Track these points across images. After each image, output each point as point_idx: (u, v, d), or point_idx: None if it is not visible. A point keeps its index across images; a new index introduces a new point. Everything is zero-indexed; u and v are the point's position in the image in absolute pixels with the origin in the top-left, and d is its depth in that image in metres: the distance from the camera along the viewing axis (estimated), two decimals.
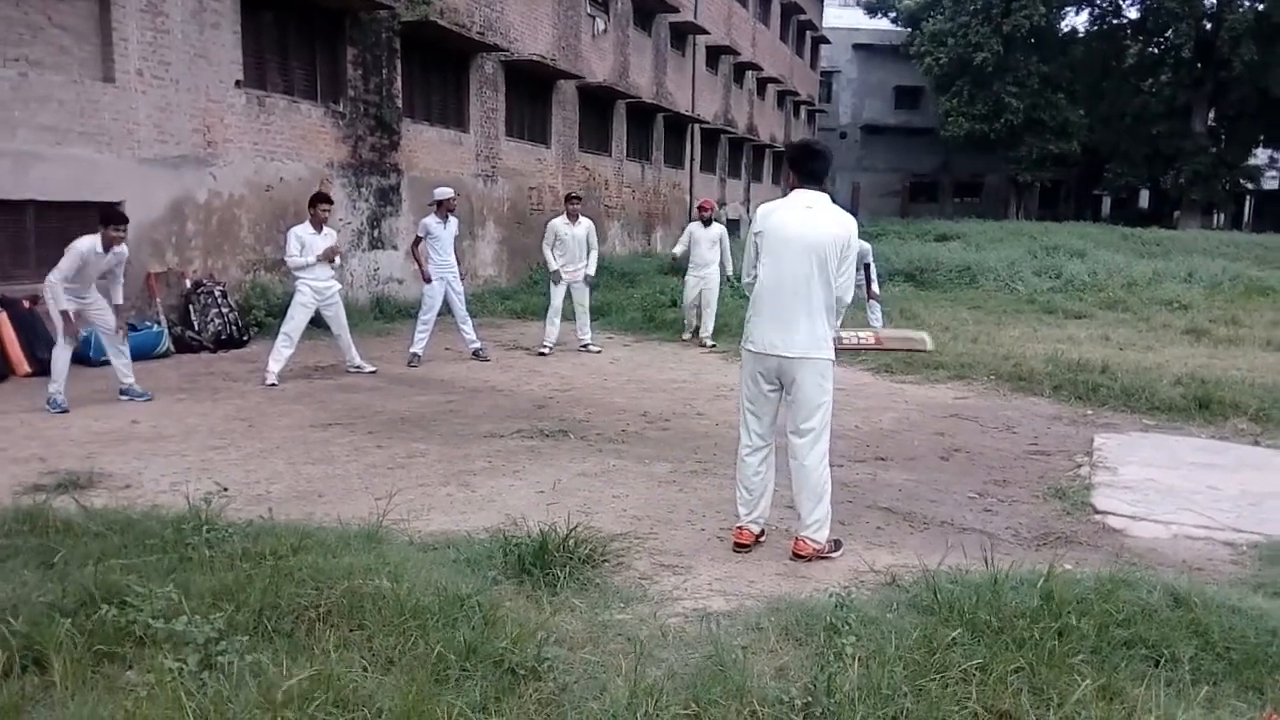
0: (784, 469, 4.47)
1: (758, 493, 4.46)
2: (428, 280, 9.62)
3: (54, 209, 9.10)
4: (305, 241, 8.44)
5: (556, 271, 10.49)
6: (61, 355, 7.02)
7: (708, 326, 11.37)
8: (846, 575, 4.15)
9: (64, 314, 6.94)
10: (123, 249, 7.22)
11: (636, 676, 2.90)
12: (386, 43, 13.43)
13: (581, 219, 10.59)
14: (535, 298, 14.35)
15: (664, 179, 24.99)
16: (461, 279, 10.07)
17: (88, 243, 6.96)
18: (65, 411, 6.92)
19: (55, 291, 6.88)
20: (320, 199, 8.65)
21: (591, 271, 10.76)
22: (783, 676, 3.05)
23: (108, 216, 7.12)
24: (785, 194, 4.47)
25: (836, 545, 4.43)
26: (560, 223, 10.52)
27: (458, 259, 9.98)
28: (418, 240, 9.82)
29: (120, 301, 7.38)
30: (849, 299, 4.35)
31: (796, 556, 4.32)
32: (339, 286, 8.79)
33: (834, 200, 4.36)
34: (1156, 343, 11.59)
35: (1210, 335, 12.22)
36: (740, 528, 4.49)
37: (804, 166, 4.38)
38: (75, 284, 6.99)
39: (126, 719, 2.56)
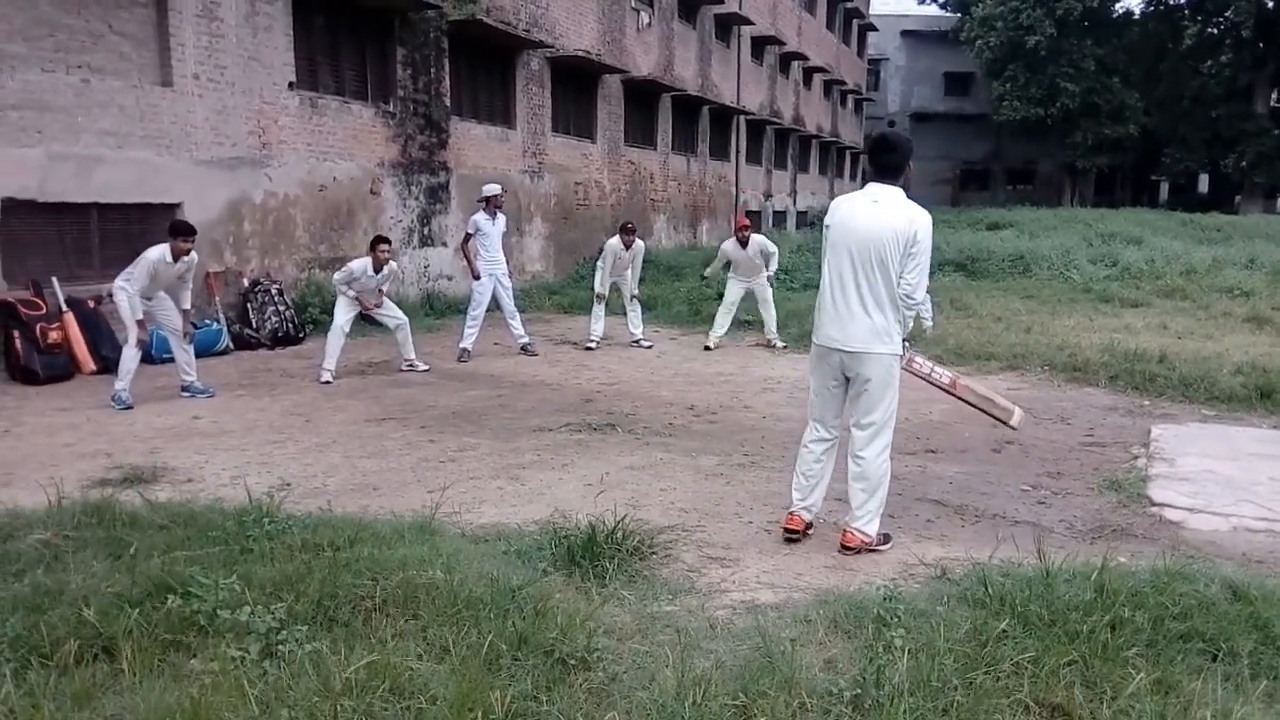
0: (842, 462, 4.46)
1: (814, 480, 4.46)
2: (477, 277, 9.77)
3: (116, 211, 9.37)
4: (357, 278, 8.57)
5: (602, 295, 10.64)
6: (130, 356, 7.27)
7: (771, 327, 10.84)
8: (896, 568, 4.13)
9: (138, 322, 7.21)
10: (192, 257, 7.45)
11: (685, 667, 2.93)
12: (434, 42, 13.58)
13: (636, 243, 10.74)
14: (583, 292, 14.42)
15: (710, 171, 24.93)
16: (510, 275, 10.17)
17: (157, 252, 7.21)
18: (129, 408, 7.14)
19: (133, 301, 7.15)
20: (379, 241, 8.77)
21: (636, 291, 10.99)
22: (831, 668, 3.06)
23: (176, 228, 7.36)
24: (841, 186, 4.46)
25: (886, 539, 4.41)
26: (616, 244, 10.62)
27: (506, 255, 10.08)
28: (467, 237, 9.96)
29: (188, 306, 7.63)
30: (919, 296, 4.25)
31: (844, 549, 4.30)
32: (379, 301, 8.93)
33: (907, 193, 4.32)
34: (1216, 331, 11.30)
35: (1272, 323, 11.87)
36: (792, 513, 4.49)
37: (876, 160, 4.38)
38: (145, 289, 7.25)
39: (192, 706, 2.64)
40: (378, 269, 8.65)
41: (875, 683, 2.80)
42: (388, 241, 8.85)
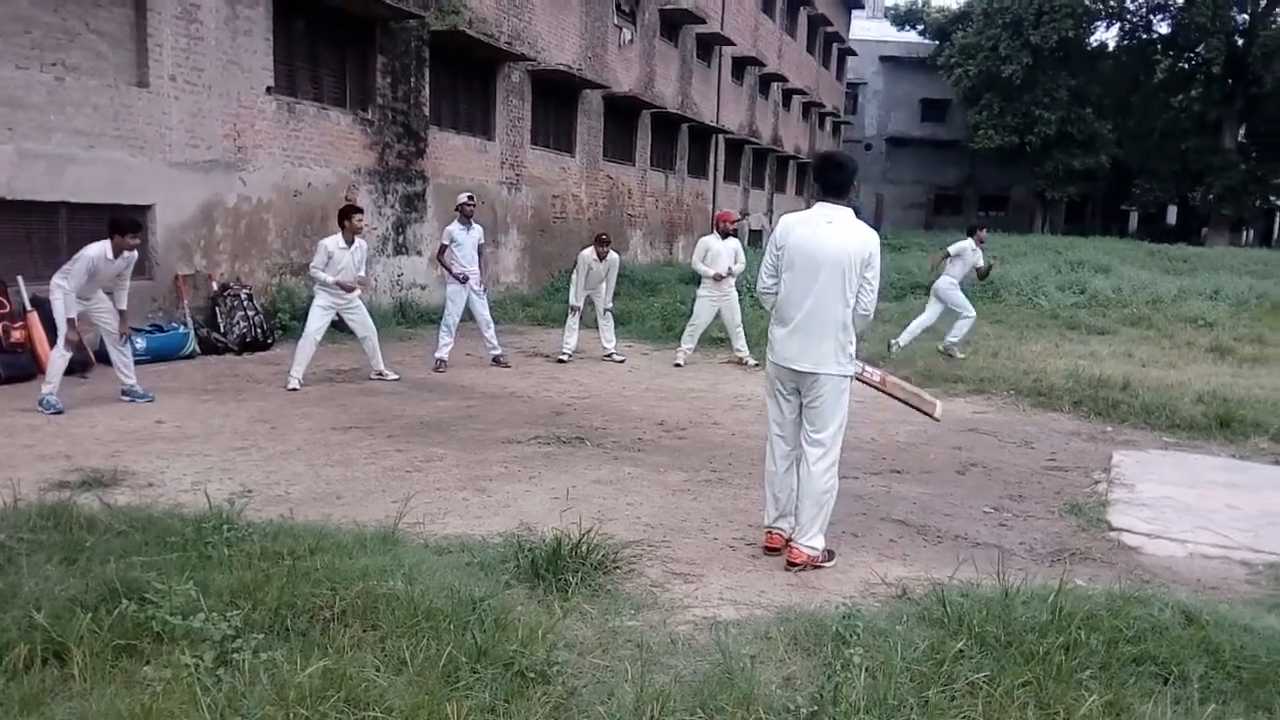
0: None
1: (785, 495, 4.53)
2: (461, 281, 9.77)
3: (86, 211, 9.26)
4: (333, 255, 8.49)
5: (576, 307, 10.68)
6: (60, 359, 7.10)
7: (740, 344, 10.83)
8: (857, 587, 4.16)
9: (69, 321, 7.03)
10: (133, 254, 7.29)
11: (644, 682, 2.93)
12: (415, 51, 13.58)
13: (610, 255, 10.76)
14: (557, 305, 14.43)
15: (687, 188, 25.05)
16: (485, 287, 10.13)
17: (98, 249, 7.04)
18: (60, 413, 6.96)
19: (68, 300, 6.98)
20: (351, 210, 8.67)
21: (610, 304, 10.99)
22: (790, 685, 3.07)
23: (120, 224, 7.14)
24: (809, 206, 4.50)
25: (830, 555, 4.46)
26: (590, 255, 10.64)
27: (482, 267, 10.06)
28: (443, 248, 9.93)
29: (124, 307, 7.46)
30: (871, 313, 4.34)
31: (791, 565, 4.35)
32: (361, 290, 8.87)
33: (858, 213, 4.39)
34: (1180, 360, 11.48)
35: (1235, 353, 12.09)
36: (770, 532, 4.57)
37: (825, 178, 4.40)
38: (83, 287, 7.09)
39: (143, 712, 2.61)
40: (349, 242, 8.57)
41: (832, 700, 2.82)
42: (360, 211, 8.74)
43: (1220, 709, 3.00)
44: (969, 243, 11.68)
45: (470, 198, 10.07)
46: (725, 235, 10.89)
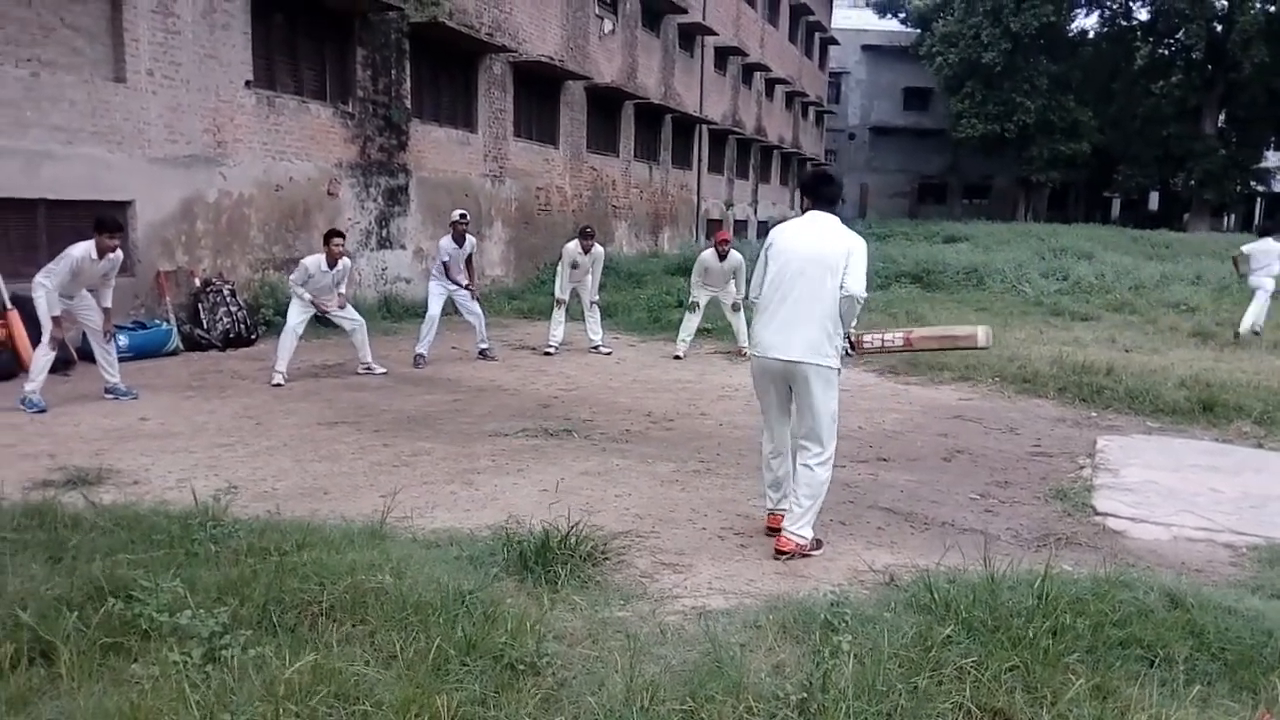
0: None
1: (783, 481, 4.65)
2: (474, 295, 10.02)
3: (65, 208, 9.17)
4: (313, 276, 8.49)
5: (562, 300, 10.69)
6: (44, 357, 7.06)
7: (742, 336, 10.63)
8: (845, 574, 4.18)
9: (54, 320, 6.98)
10: (117, 255, 7.26)
11: (634, 672, 2.93)
12: (395, 44, 13.49)
13: (595, 249, 10.76)
14: (542, 297, 14.41)
15: (672, 180, 25.02)
16: (474, 297, 10.12)
17: (81, 249, 7.01)
18: (43, 411, 6.92)
19: (51, 298, 6.93)
20: (333, 234, 8.67)
21: (596, 298, 10.98)
22: (779, 673, 3.08)
23: (103, 224, 7.12)
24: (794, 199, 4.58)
25: (818, 544, 4.50)
26: (574, 248, 10.64)
27: (471, 274, 10.07)
28: (445, 265, 9.94)
29: (109, 305, 7.43)
30: (859, 291, 4.30)
31: (780, 553, 4.38)
32: (335, 307, 8.82)
33: (842, 209, 4.52)
34: (1163, 345, 11.57)
35: (1217, 338, 12.21)
36: (772, 513, 4.68)
37: (816, 191, 4.62)
38: (66, 286, 7.05)
39: (131, 710, 2.60)
40: (331, 264, 8.55)
41: (821, 687, 2.83)
42: (341, 235, 8.74)
43: (1205, 690, 3.03)
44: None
45: (464, 216, 10.05)
46: (723, 256, 10.61)
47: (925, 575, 3.80)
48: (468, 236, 10.02)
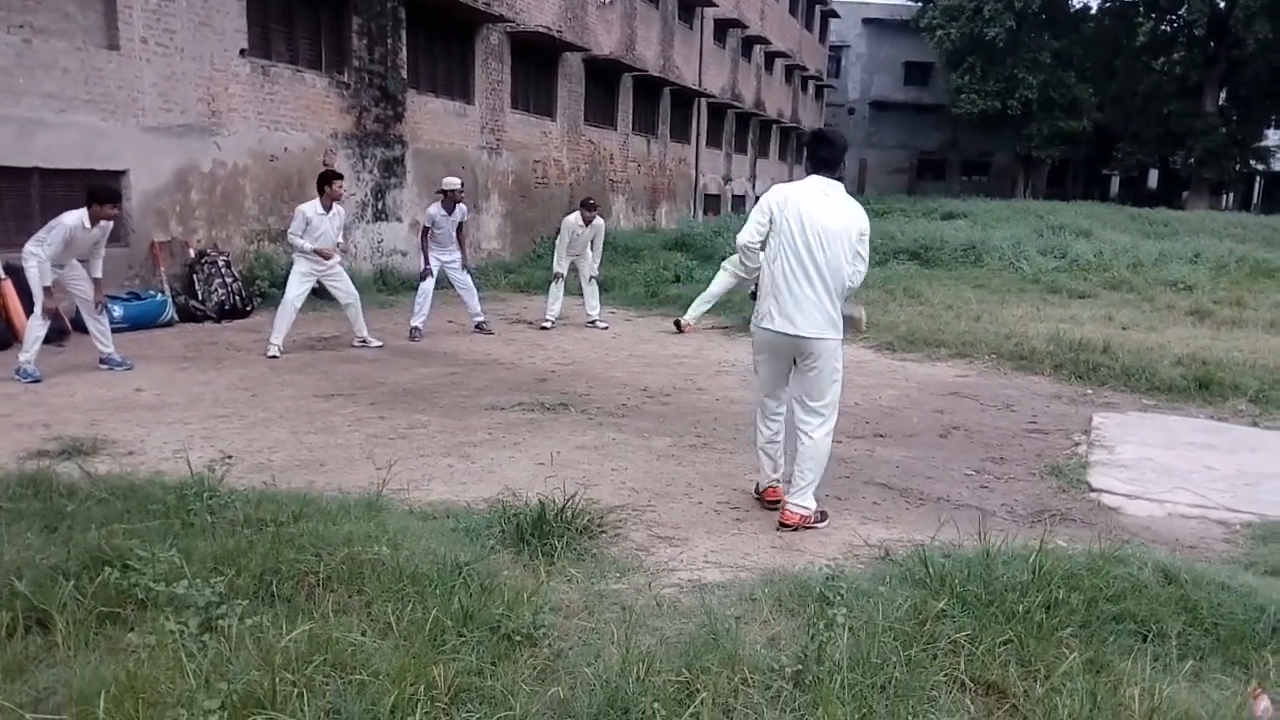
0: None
1: (777, 450, 4.71)
2: (425, 273, 9.64)
3: (58, 176, 9.10)
4: (311, 221, 8.36)
5: (560, 274, 10.62)
6: (38, 327, 7.02)
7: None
8: (841, 549, 4.19)
9: (46, 289, 6.93)
10: (109, 223, 7.19)
11: (630, 644, 2.94)
12: (391, 13, 13.35)
13: (596, 220, 10.68)
14: (539, 271, 14.36)
15: (670, 153, 24.88)
16: (467, 268, 9.98)
17: (74, 217, 6.94)
18: (37, 381, 6.89)
19: (43, 268, 6.87)
20: (331, 176, 8.53)
21: (596, 271, 10.94)
22: (774, 645, 3.09)
23: (97, 193, 7.05)
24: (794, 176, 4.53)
25: (823, 516, 4.52)
26: (575, 220, 10.57)
27: (463, 243, 9.94)
28: (425, 231, 9.80)
29: (99, 275, 7.37)
30: (859, 284, 4.49)
31: (783, 526, 4.40)
32: (339, 257, 8.76)
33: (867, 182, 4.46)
34: (1160, 323, 11.57)
35: (1214, 316, 12.20)
36: (771, 486, 4.72)
37: (818, 153, 4.50)
38: (58, 255, 6.99)
39: (128, 679, 2.60)
40: (327, 208, 8.46)
41: (816, 659, 2.84)
42: (340, 177, 8.61)
43: (1198, 665, 3.05)
44: None
45: (460, 185, 9.91)
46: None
47: (920, 550, 3.81)
48: (459, 205, 9.78)
